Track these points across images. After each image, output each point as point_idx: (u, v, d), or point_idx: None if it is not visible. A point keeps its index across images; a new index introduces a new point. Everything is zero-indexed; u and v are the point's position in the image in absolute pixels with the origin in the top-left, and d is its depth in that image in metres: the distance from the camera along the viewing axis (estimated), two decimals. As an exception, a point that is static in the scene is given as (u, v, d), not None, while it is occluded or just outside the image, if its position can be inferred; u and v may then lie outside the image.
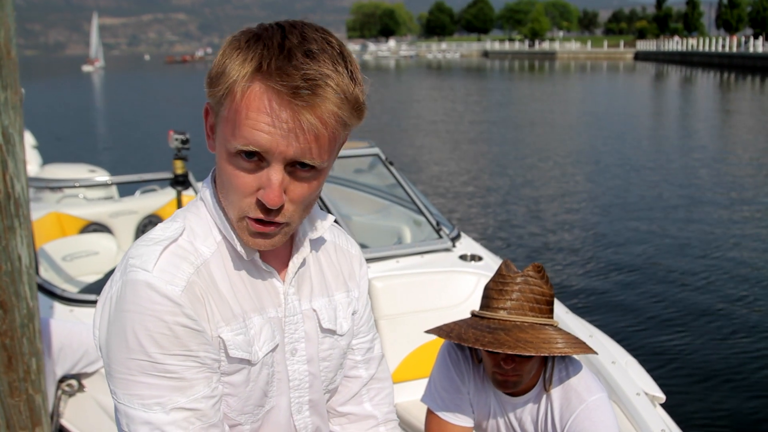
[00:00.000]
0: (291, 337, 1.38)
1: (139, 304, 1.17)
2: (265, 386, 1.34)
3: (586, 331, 3.60)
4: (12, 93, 2.07)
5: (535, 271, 2.10)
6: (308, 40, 1.15)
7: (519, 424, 2.23)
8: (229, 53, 1.17)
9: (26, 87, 2.41)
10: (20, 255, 2.08)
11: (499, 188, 14.50)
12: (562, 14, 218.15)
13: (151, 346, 1.17)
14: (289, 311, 1.37)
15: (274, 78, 1.12)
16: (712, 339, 6.87)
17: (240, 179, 1.19)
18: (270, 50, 1.13)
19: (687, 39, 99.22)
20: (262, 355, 1.31)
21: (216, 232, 1.30)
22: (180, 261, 1.23)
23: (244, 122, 1.14)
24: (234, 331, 1.27)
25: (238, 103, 1.14)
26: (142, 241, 1.25)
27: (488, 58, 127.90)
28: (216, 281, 1.27)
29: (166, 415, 1.19)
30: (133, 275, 1.19)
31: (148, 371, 1.18)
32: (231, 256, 1.30)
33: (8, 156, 2.04)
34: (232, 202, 1.22)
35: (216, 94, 1.18)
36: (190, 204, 1.36)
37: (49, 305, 3.60)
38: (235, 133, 1.15)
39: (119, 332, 1.19)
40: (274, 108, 1.13)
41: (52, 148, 18.84)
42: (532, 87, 50.43)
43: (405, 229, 5.12)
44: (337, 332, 1.46)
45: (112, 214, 6.21)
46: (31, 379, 2.14)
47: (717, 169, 16.35)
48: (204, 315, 1.23)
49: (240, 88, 1.14)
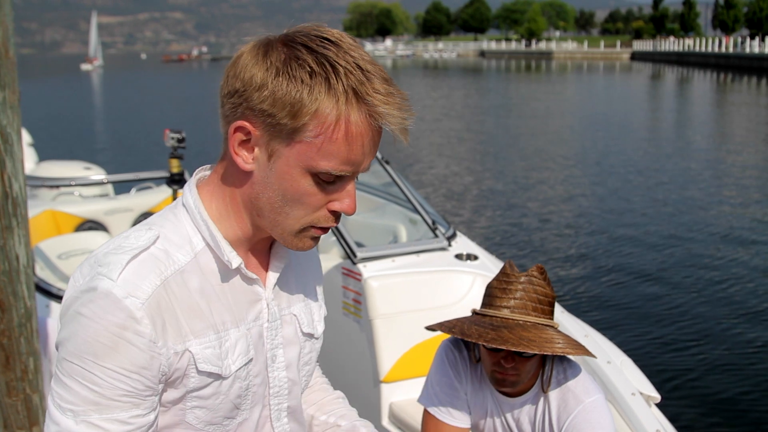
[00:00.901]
0: (271, 344, 1.36)
1: (93, 311, 1.15)
2: (237, 399, 1.31)
3: (582, 330, 3.61)
4: (10, 93, 2.07)
5: (539, 272, 2.12)
6: (365, 58, 1.18)
7: (516, 425, 2.24)
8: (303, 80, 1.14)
9: (26, 85, 2.41)
10: (18, 255, 2.08)
11: (495, 187, 14.51)
12: (559, 14, 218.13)
13: (87, 353, 1.15)
14: (271, 317, 1.35)
15: (377, 101, 1.15)
16: (707, 339, 6.89)
17: (315, 196, 1.21)
18: (354, 73, 1.15)
19: (684, 39, 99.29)
20: (234, 369, 1.28)
21: (197, 240, 1.27)
22: (147, 272, 1.19)
23: (340, 147, 1.16)
24: (204, 344, 1.24)
25: (336, 130, 1.15)
26: (113, 246, 1.21)
27: (485, 57, 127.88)
28: (189, 291, 1.23)
29: (74, 425, 1.16)
30: (96, 282, 1.16)
31: (75, 376, 1.16)
32: (210, 266, 1.27)
33: (6, 155, 2.04)
34: (298, 216, 1.23)
35: (295, 122, 1.16)
36: (166, 210, 1.31)
37: (45, 304, 3.60)
38: (326, 157, 1.17)
39: (69, 333, 1.17)
40: (374, 126, 1.17)
41: (49, 145, 18.80)
42: (528, 87, 50.44)
43: (401, 228, 5.12)
44: (314, 335, 1.47)
45: (107, 211, 6.20)
46: (28, 379, 2.14)
47: (713, 170, 16.38)
48: (166, 329, 1.19)
49: (341, 117, 1.15)
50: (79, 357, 1.15)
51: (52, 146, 19.15)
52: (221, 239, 1.26)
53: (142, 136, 23.45)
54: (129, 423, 1.19)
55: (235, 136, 1.21)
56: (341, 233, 3.90)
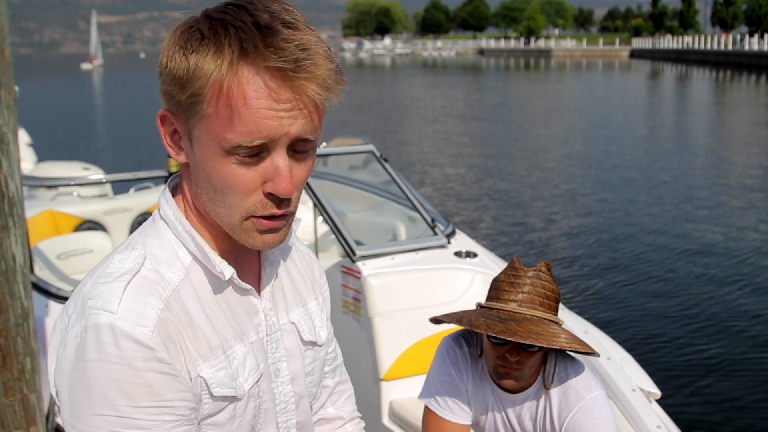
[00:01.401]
0: (273, 357, 1.25)
1: (104, 352, 1.02)
2: (253, 420, 1.21)
3: (582, 327, 3.61)
4: (6, 92, 2.07)
5: (546, 268, 2.13)
6: (276, 12, 1.04)
7: (518, 421, 2.23)
8: (193, 46, 1.03)
9: (26, 85, 2.40)
10: (14, 254, 2.07)
11: (494, 185, 14.51)
12: (558, 12, 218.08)
13: (120, 399, 1.02)
14: (270, 329, 1.24)
15: (266, 55, 1.00)
16: (706, 335, 6.89)
17: (241, 178, 1.06)
18: (246, 30, 1.01)
19: (683, 37, 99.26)
20: (248, 388, 1.17)
21: (183, 253, 1.15)
22: (147, 296, 1.07)
23: (241, 113, 1.02)
24: (214, 366, 1.13)
25: (228, 94, 1.02)
26: (98, 277, 1.09)
27: (484, 56, 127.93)
28: (189, 312, 1.12)
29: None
30: (94, 318, 1.03)
31: (115, 428, 1.02)
32: (203, 280, 1.16)
33: (2, 155, 2.03)
34: (233, 205, 1.09)
35: (186, 94, 1.04)
36: (145, 226, 1.20)
37: (44, 304, 3.59)
38: (231, 128, 1.03)
39: (81, 385, 1.03)
40: (273, 88, 1.02)
41: (50, 145, 18.81)
42: (528, 85, 50.45)
43: (400, 225, 5.12)
44: (317, 343, 1.36)
45: (106, 211, 6.19)
46: (25, 379, 2.13)
47: (715, 168, 16.39)
48: (179, 356, 1.09)
49: (227, 78, 1.01)
50: (112, 407, 1.02)
51: (52, 146, 19.16)
52: (209, 250, 1.15)
53: (141, 136, 23.45)
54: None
55: (162, 128, 1.13)
56: (340, 231, 3.90)
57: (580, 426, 2.07)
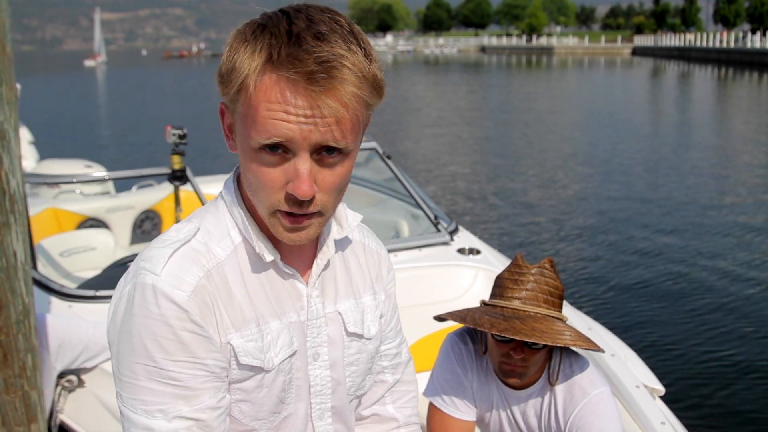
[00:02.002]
0: (313, 342, 1.32)
1: (145, 308, 1.14)
2: (281, 393, 1.29)
3: (585, 324, 3.60)
4: (7, 89, 2.06)
5: (550, 265, 2.11)
6: (316, 22, 1.10)
7: (522, 417, 2.22)
8: (236, 47, 1.12)
9: (29, 82, 2.40)
10: (15, 251, 2.07)
11: (497, 182, 14.49)
12: (560, 9, 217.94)
13: (156, 352, 1.14)
14: (312, 314, 1.32)
15: (286, 66, 1.07)
16: (711, 331, 6.87)
17: (267, 175, 1.14)
18: (278, 38, 1.08)
19: (685, 34, 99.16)
20: (277, 362, 1.26)
21: (235, 233, 1.26)
22: (190, 264, 1.19)
23: (261, 116, 1.09)
24: (245, 337, 1.22)
25: (252, 97, 1.10)
26: (155, 242, 1.22)
27: (486, 53, 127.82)
28: (229, 285, 1.22)
29: (167, 423, 1.16)
30: (141, 278, 1.16)
31: (153, 377, 1.15)
32: (250, 259, 1.25)
33: (3, 152, 2.02)
34: (262, 199, 1.17)
35: (229, 91, 1.14)
36: (209, 203, 1.32)
37: (48, 301, 3.59)
38: (254, 128, 1.11)
39: (126, 335, 1.16)
40: (288, 97, 1.07)
41: (52, 143, 18.81)
42: (530, 82, 50.41)
43: (403, 223, 5.11)
44: (364, 336, 1.41)
45: (109, 209, 6.19)
46: (26, 376, 2.13)
47: (720, 166, 16.37)
48: (212, 321, 1.19)
49: (252, 82, 1.09)
50: (150, 357, 1.14)
51: (55, 144, 19.17)
52: (255, 233, 1.25)
53: (144, 133, 23.45)
54: (217, 407, 1.20)
55: (223, 119, 1.23)
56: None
57: (585, 422, 2.06)
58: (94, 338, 3.11)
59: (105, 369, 3.14)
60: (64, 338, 3.01)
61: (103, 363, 3.16)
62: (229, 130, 1.22)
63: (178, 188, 4.86)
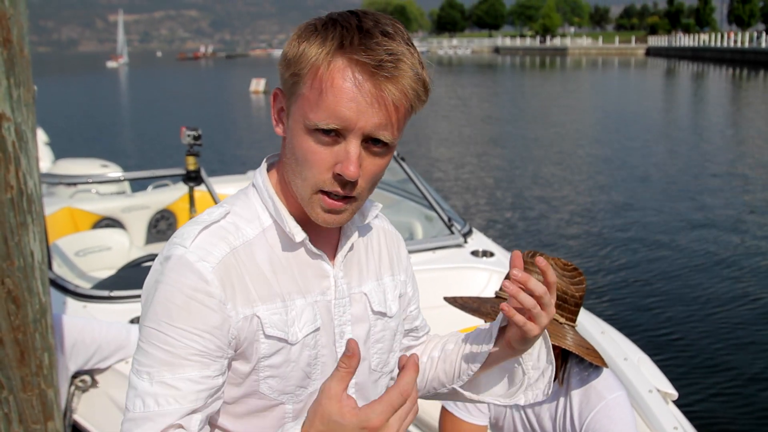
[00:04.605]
0: (339, 320, 1.40)
1: (168, 276, 1.23)
2: (307, 368, 1.35)
3: (598, 327, 3.58)
4: (25, 91, 2.07)
5: (558, 265, 2.07)
6: (382, 24, 1.22)
7: (537, 420, 2.22)
8: (306, 36, 1.22)
9: (49, 84, 2.41)
10: (32, 251, 2.08)
11: (511, 184, 14.46)
12: (574, 10, 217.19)
13: (163, 315, 1.22)
14: (339, 294, 1.40)
15: (358, 52, 1.17)
16: (724, 335, 6.84)
17: (318, 155, 1.23)
18: (349, 30, 1.19)
19: (699, 35, 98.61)
20: (301, 336, 1.33)
21: (265, 217, 1.35)
22: (218, 240, 1.27)
23: (326, 97, 1.19)
24: (270, 310, 1.30)
25: (320, 79, 1.19)
26: (188, 223, 1.31)
27: (499, 54, 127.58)
28: (257, 261, 1.30)
29: (150, 386, 1.22)
30: (171, 250, 1.26)
31: (152, 340, 1.23)
32: (279, 241, 1.34)
33: (21, 153, 2.04)
34: (307, 178, 1.26)
35: (293, 75, 1.23)
36: (239, 191, 1.40)
37: (62, 301, 3.61)
38: (316, 109, 1.20)
39: (149, 301, 1.26)
40: (358, 79, 1.18)
41: (73, 143, 18.93)
42: (544, 83, 50.27)
43: (416, 224, 5.11)
44: (387, 314, 1.49)
45: (124, 209, 6.22)
46: (43, 374, 2.15)
47: (734, 167, 16.26)
48: (234, 295, 1.26)
49: (323, 65, 1.19)
50: (156, 321, 1.23)
51: (76, 144, 19.28)
52: (286, 214, 1.33)
53: (159, 134, 23.55)
54: (199, 382, 1.24)
55: (274, 104, 1.32)
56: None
57: (600, 426, 2.05)
58: (108, 339, 3.13)
59: (118, 369, 3.16)
60: (78, 339, 3.03)
61: (117, 363, 3.18)
62: (279, 114, 1.32)
63: (193, 189, 4.89)
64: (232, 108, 34.44)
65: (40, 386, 2.15)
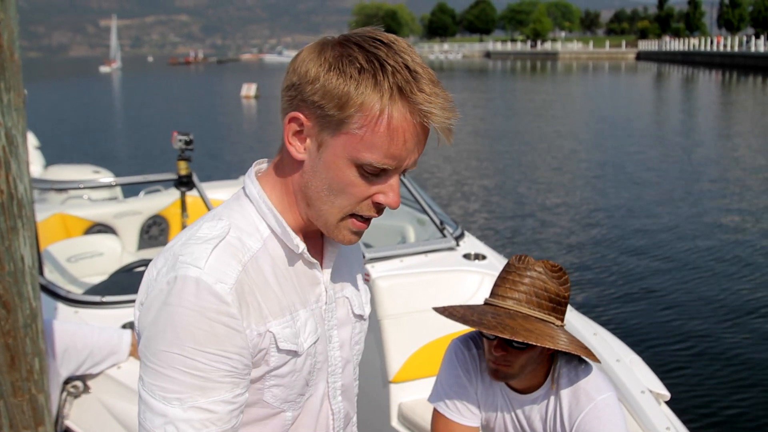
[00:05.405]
0: (328, 325, 1.44)
1: (185, 299, 1.20)
2: (308, 375, 1.39)
3: (591, 329, 3.59)
4: (15, 95, 2.07)
5: (546, 267, 2.08)
6: (415, 60, 1.25)
7: (527, 422, 2.22)
8: (350, 74, 1.21)
9: (40, 88, 2.41)
10: (23, 255, 2.08)
11: (503, 187, 14.49)
12: (564, 14, 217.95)
13: (187, 340, 1.20)
14: (328, 300, 1.43)
15: (418, 100, 1.21)
16: (716, 336, 6.86)
17: (360, 187, 1.27)
18: (401, 71, 1.22)
19: (689, 39, 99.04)
20: (307, 347, 1.36)
21: (263, 227, 1.34)
22: (230, 258, 1.26)
23: (384, 140, 1.22)
24: (281, 324, 1.31)
25: (381, 124, 1.21)
26: (188, 239, 1.27)
27: (490, 58, 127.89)
28: (264, 276, 1.30)
29: (183, 412, 1.21)
30: (183, 271, 1.22)
31: (177, 366, 1.20)
32: (278, 252, 1.34)
33: (11, 157, 2.03)
34: (343, 206, 1.29)
35: (345, 115, 1.22)
36: (230, 201, 1.39)
37: (54, 306, 3.60)
38: (372, 149, 1.23)
39: (160, 325, 1.21)
40: (417, 125, 1.23)
41: (65, 149, 18.87)
42: (535, 88, 50.39)
43: (409, 228, 5.11)
44: (363, 317, 1.55)
45: (116, 215, 6.20)
46: (34, 379, 2.13)
47: (725, 170, 16.34)
48: (249, 313, 1.26)
49: (386, 111, 1.21)
50: (179, 346, 1.20)
51: (71, 149, 19.21)
52: (287, 226, 1.34)
53: (153, 139, 23.50)
54: (233, 402, 1.25)
55: (290, 126, 1.29)
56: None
57: (590, 428, 2.05)
58: (100, 344, 3.12)
59: (110, 375, 3.15)
60: (69, 344, 3.02)
61: (109, 369, 3.17)
62: (296, 137, 1.30)
63: (185, 194, 4.88)
64: (223, 113, 34.43)
65: (30, 391, 2.14)
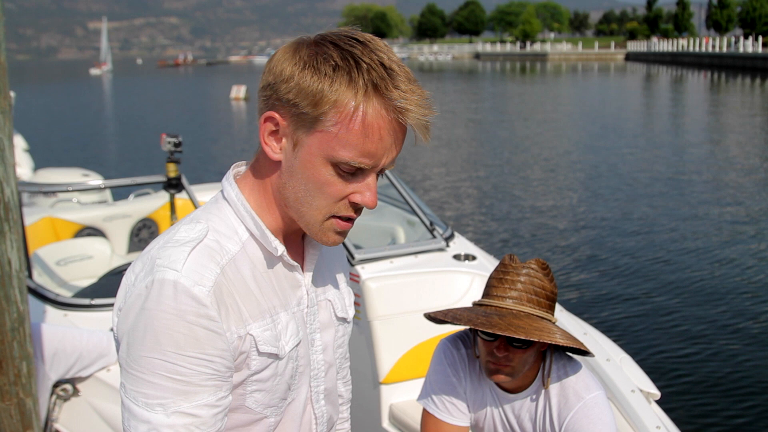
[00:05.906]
0: (310, 328, 1.42)
1: (163, 303, 1.18)
2: (290, 379, 1.37)
3: (581, 329, 3.60)
4: (1, 98, 2.06)
5: (538, 265, 2.10)
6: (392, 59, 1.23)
7: (517, 421, 2.22)
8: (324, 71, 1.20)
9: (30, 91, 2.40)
10: (10, 259, 2.07)
11: (493, 189, 14.51)
12: (553, 16, 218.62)
13: (168, 345, 1.18)
14: (310, 303, 1.42)
15: (393, 96, 1.20)
16: (706, 336, 6.89)
17: (336, 186, 1.26)
18: (376, 69, 1.21)
19: (677, 39, 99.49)
20: (288, 350, 1.34)
21: (242, 230, 1.32)
22: (207, 261, 1.24)
23: (360, 138, 1.21)
24: (261, 327, 1.29)
25: (356, 121, 1.20)
26: (166, 242, 1.25)
27: (480, 59, 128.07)
28: (243, 278, 1.29)
29: (166, 417, 1.19)
30: (161, 274, 1.20)
31: (158, 371, 1.19)
32: (257, 254, 1.33)
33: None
34: (321, 207, 1.28)
35: (319, 113, 1.21)
36: (209, 205, 1.37)
37: (43, 310, 3.58)
38: (347, 147, 1.21)
39: (139, 330, 1.19)
40: (393, 121, 1.22)
41: (50, 151, 18.79)
42: (524, 89, 50.50)
43: (399, 229, 5.11)
44: (347, 320, 1.54)
45: (105, 218, 6.18)
46: (21, 383, 2.13)
47: (714, 169, 16.41)
48: (228, 315, 1.24)
49: (360, 108, 1.20)
50: (160, 351, 1.18)
51: (63, 152, 19.13)
52: (266, 229, 1.32)
53: (144, 141, 23.42)
54: (217, 405, 1.24)
55: (265, 126, 1.28)
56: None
57: (579, 426, 2.06)
58: (89, 347, 3.11)
59: (100, 378, 3.14)
60: (58, 347, 3.01)
61: (98, 372, 3.16)
62: (271, 137, 1.28)
63: (174, 196, 4.86)
64: (213, 115, 34.35)
65: (18, 395, 2.13)
